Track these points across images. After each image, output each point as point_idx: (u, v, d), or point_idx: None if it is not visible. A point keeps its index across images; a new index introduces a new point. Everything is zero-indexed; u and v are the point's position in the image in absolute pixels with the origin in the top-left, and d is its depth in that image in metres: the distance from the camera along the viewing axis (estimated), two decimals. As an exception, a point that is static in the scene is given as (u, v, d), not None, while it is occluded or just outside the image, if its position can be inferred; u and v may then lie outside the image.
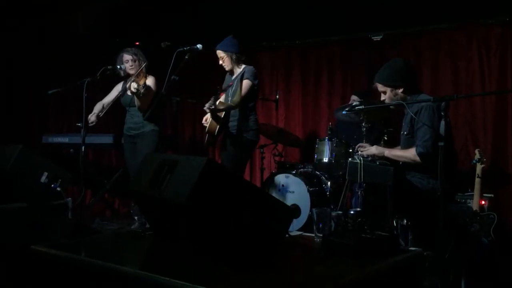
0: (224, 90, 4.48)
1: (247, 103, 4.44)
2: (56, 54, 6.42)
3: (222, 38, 4.57)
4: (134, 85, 4.57)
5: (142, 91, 4.55)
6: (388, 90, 3.67)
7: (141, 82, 4.64)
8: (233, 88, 4.49)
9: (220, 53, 4.52)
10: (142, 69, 4.82)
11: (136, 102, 4.81)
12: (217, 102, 4.37)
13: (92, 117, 4.95)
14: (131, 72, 4.90)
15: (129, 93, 4.82)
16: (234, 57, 4.51)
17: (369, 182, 3.53)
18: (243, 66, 4.55)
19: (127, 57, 4.93)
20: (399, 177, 3.44)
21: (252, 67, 4.52)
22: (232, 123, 4.48)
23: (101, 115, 5.02)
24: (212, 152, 6.72)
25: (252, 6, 5.39)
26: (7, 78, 6.13)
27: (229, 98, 4.48)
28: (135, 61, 4.92)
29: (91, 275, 2.08)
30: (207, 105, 4.25)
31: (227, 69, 4.58)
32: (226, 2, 5.44)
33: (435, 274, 3.12)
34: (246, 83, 4.36)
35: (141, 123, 4.93)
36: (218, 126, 4.38)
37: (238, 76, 4.48)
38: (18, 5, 5.55)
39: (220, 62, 4.54)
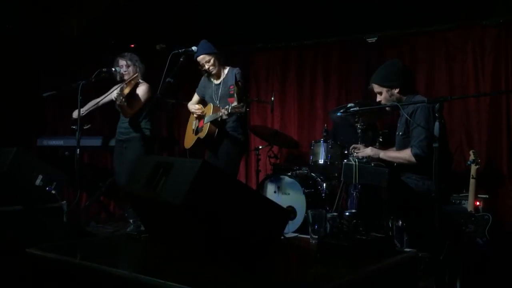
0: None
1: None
2: (51, 56, 6.40)
3: (218, 40, 4.56)
4: (114, 94, 4.59)
5: (118, 102, 4.58)
6: (384, 90, 3.69)
7: (125, 91, 4.64)
8: (224, 91, 4.49)
9: (205, 58, 4.47)
10: (134, 77, 4.81)
11: (118, 108, 4.82)
12: (207, 109, 4.45)
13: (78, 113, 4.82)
14: (126, 77, 4.89)
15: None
16: (220, 58, 4.52)
17: (364, 184, 3.54)
18: (227, 67, 4.57)
19: (121, 62, 4.90)
20: (394, 178, 3.45)
21: (238, 68, 4.54)
22: (229, 124, 4.51)
23: (84, 113, 4.86)
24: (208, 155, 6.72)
25: (248, 8, 5.40)
26: (1, 80, 6.11)
27: (218, 102, 4.51)
28: (129, 67, 4.88)
29: (87, 278, 2.08)
30: (224, 112, 4.21)
31: (214, 72, 4.53)
32: (222, 4, 5.44)
33: (431, 275, 3.13)
34: (243, 85, 4.36)
35: (130, 128, 4.91)
36: (217, 129, 4.43)
37: (227, 78, 4.48)
38: (13, 7, 5.53)
39: (207, 67, 4.49)
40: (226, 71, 4.55)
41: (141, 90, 4.87)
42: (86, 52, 6.30)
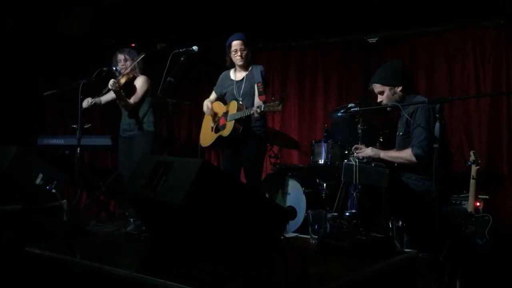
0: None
1: None
2: (52, 55, 6.40)
3: (218, 40, 4.56)
4: (110, 82, 4.63)
5: (113, 88, 4.63)
6: (387, 89, 3.69)
7: (121, 81, 4.71)
8: (247, 88, 4.43)
9: (242, 44, 4.43)
10: (131, 68, 4.86)
11: (117, 100, 4.85)
12: (232, 105, 4.38)
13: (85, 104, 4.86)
14: (123, 71, 4.93)
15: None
16: (250, 53, 4.51)
17: (365, 184, 3.53)
18: (251, 65, 4.53)
19: (120, 56, 4.98)
20: (394, 179, 3.45)
21: (261, 65, 4.51)
22: (252, 123, 4.42)
23: (88, 106, 4.91)
24: (208, 154, 6.72)
25: (249, 8, 5.39)
26: (2, 79, 6.11)
27: (240, 99, 4.43)
28: (126, 61, 4.96)
29: (86, 277, 2.07)
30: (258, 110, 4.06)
31: (242, 63, 4.47)
32: (222, 4, 5.43)
33: (430, 275, 3.12)
34: (266, 85, 4.34)
35: (134, 124, 4.93)
36: (241, 127, 4.33)
37: (252, 75, 4.43)
38: (12, 6, 5.53)
39: (239, 53, 4.43)
40: (250, 68, 4.51)
41: (139, 82, 4.95)
42: (86, 52, 6.30)
